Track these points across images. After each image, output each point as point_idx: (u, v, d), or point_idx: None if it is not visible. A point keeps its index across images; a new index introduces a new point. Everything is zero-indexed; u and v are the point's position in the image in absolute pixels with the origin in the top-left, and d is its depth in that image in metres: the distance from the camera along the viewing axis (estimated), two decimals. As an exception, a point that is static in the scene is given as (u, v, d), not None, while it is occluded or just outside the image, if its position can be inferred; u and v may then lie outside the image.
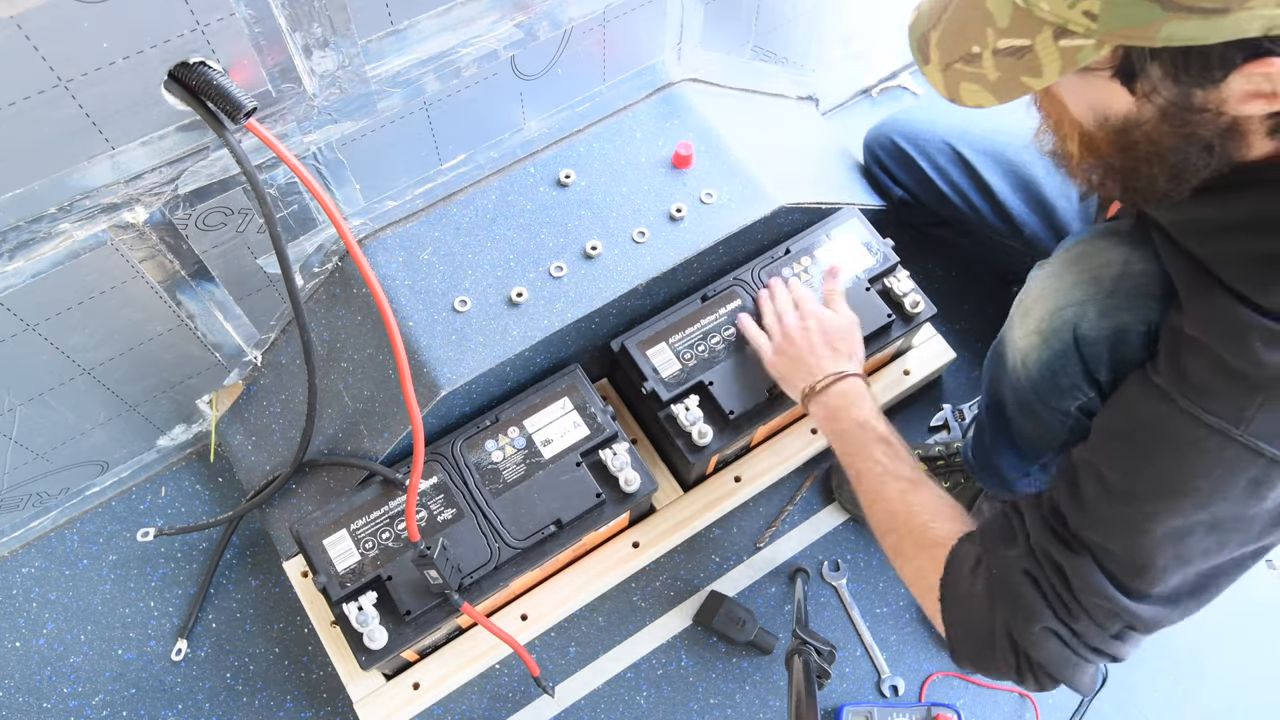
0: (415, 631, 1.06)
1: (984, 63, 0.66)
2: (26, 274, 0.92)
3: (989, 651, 0.85)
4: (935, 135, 1.36)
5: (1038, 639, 0.82)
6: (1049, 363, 0.91)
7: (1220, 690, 1.26)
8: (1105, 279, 0.84)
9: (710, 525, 1.31)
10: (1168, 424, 0.73)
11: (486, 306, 1.16)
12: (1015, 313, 0.96)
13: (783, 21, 1.35)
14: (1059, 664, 0.82)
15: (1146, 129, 0.69)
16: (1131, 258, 0.83)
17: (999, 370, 1.02)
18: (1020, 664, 0.84)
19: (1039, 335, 0.90)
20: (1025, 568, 0.83)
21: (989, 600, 0.85)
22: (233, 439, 1.30)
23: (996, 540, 0.87)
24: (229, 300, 1.13)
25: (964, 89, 0.69)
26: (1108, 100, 0.69)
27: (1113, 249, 0.85)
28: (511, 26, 1.04)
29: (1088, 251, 0.87)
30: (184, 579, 1.28)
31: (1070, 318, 0.86)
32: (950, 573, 0.89)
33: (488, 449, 1.15)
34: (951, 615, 0.88)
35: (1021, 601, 0.82)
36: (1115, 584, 0.78)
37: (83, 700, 1.21)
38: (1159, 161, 0.71)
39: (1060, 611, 0.81)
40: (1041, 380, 0.93)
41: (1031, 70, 0.65)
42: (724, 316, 1.23)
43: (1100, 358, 0.86)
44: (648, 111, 1.29)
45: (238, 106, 0.83)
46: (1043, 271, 0.91)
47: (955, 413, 1.40)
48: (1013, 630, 0.83)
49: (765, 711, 1.22)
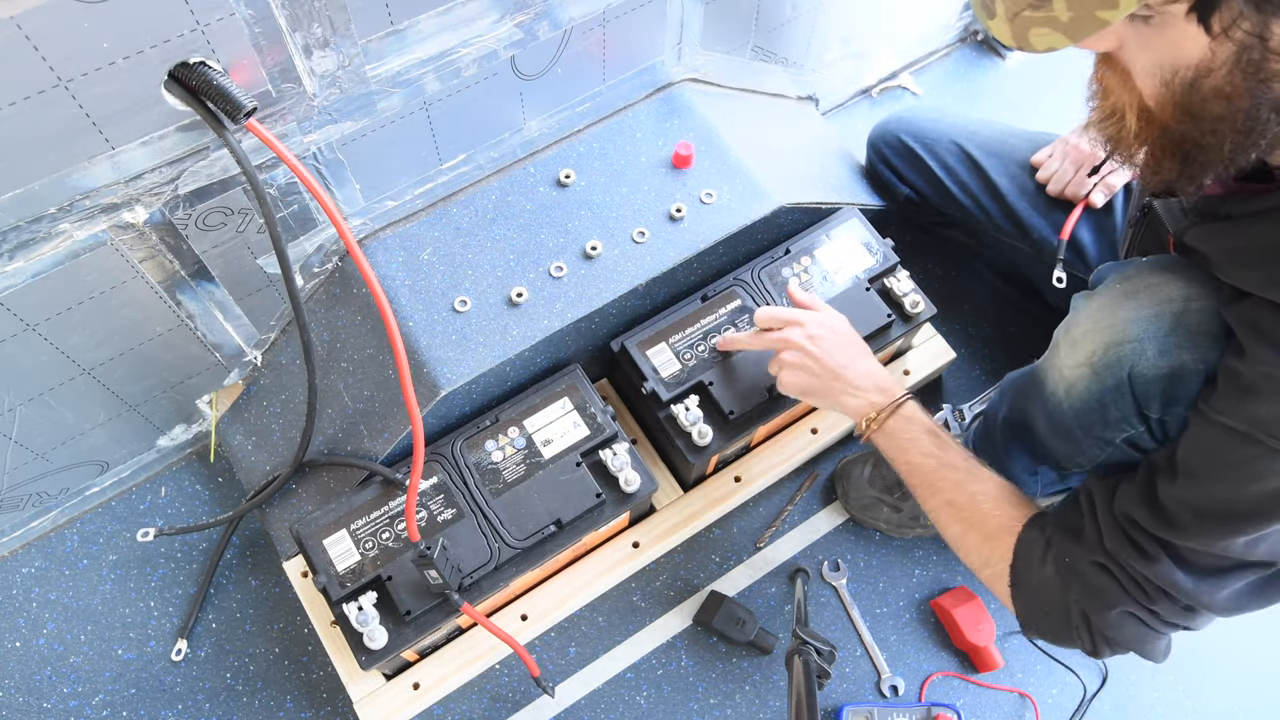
0: (415, 631, 1.06)
1: (1054, 4, 0.65)
2: (26, 274, 0.92)
3: (1065, 630, 0.91)
4: (943, 135, 1.36)
5: (1115, 621, 0.86)
6: (1098, 396, 0.90)
7: (1220, 690, 1.26)
8: (1166, 315, 0.83)
9: (710, 525, 1.31)
10: (1256, 464, 0.75)
11: (486, 306, 1.16)
12: (1062, 341, 0.94)
13: (783, 21, 1.35)
14: (1137, 641, 0.88)
15: (1217, 81, 0.66)
16: (1191, 294, 0.82)
17: (1033, 392, 1.02)
18: (1096, 641, 0.89)
19: (1089, 368, 0.89)
20: (1098, 560, 0.86)
21: (1061, 583, 0.89)
22: (233, 439, 1.30)
23: (1065, 535, 0.89)
24: (229, 300, 1.13)
25: (1034, 34, 0.68)
26: (1178, 47, 0.66)
27: (1172, 284, 0.84)
28: (511, 26, 1.04)
29: (1147, 285, 0.85)
30: (184, 579, 1.28)
31: (1127, 355, 0.85)
32: (1020, 557, 0.92)
33: (488, 449, 1.15)
34: (1025, 598, 0.93)
35: (1097, 590, 0.86)
36: (1195, 578, 0.82)
37: (83, 700, 1.21)
38: (1227, 122, 0.69)
39: (1139, 596, 0.84)
40: (1087, 411, 0.92)
41: (1107, 2, 0.63)
42: (724, 316, 1.23)
43: (1153, 395, 0.85)
44: (648, 111, 1.29)
45: (238, 106, 0.83)
46: (1095, 303, 0.90)
47: (955, 413, 1.40)
48: (1089, 613, 0.87)
49: (765, 711, 1.22)
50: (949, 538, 1.00)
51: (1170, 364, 0.82)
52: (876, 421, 1.04)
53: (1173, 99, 0.70)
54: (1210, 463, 0.78)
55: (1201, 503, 0.79)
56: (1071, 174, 1.25)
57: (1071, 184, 1.24)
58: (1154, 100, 0.71)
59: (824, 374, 1.07)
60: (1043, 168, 1.28)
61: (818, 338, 1.08)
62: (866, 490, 1.30)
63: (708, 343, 1.21)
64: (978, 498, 0.97)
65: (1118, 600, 0.85)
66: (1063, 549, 0.89)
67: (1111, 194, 1.24)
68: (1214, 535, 0.79)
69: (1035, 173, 1.29)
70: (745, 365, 1.20)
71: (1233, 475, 0.76)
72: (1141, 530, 0.83)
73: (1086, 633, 0.89)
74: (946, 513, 0.99)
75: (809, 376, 1.08)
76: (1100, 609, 0.86)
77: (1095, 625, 0.88)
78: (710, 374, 1.19)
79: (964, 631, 1.23)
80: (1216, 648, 1.28)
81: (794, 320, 1.11)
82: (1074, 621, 0.89)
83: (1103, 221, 1.25)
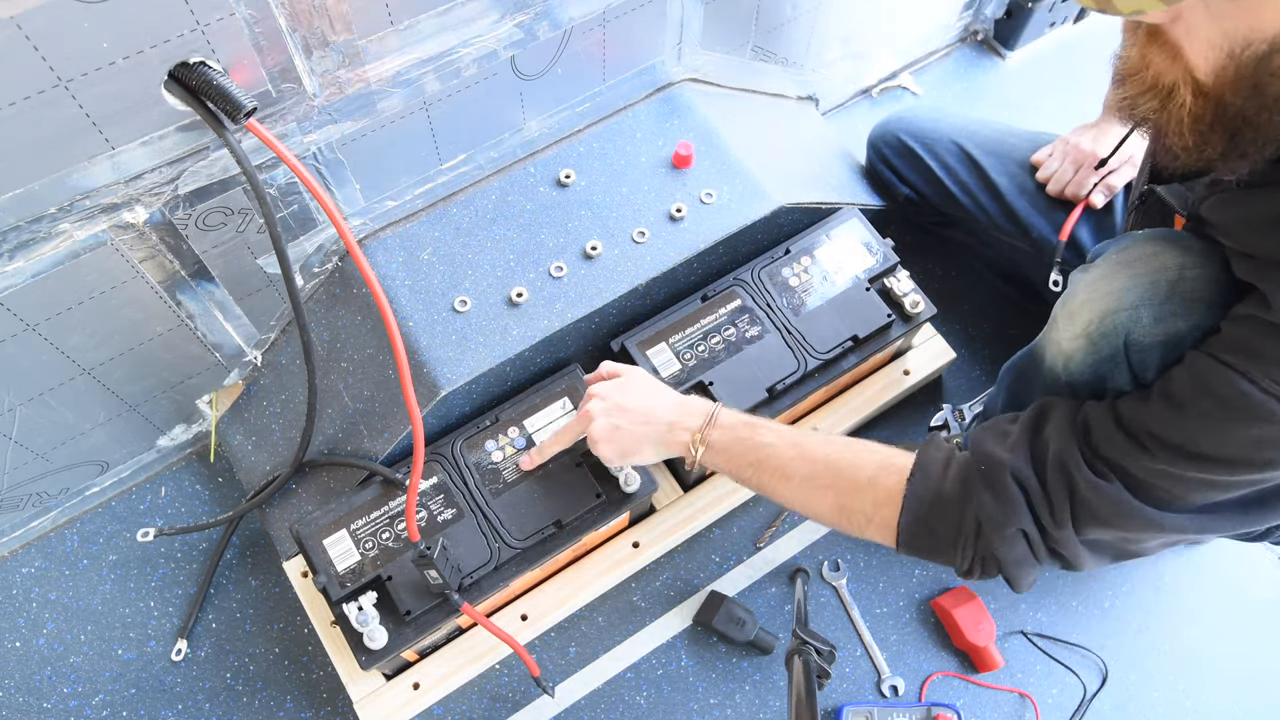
0: (415, 631, 1.06)
1: None
2: (26, 274, 0.92)
3: (948, 545, 0.87)
4: (943, 135, 1.36)
5: (1009, 539, 0.84)
6: (1095, 366, 0.89)
7: (1220, 690, 1.26)
8: (1161, 283, 0.82)
9: (710, 525, 1.31)
10: (1245, 400, 0.73)
11: (486, 306, 1.16)
12: (1059, 314, 0.94)
13: (783, 21, 1.35)
14: (1018, 564, 0.86)
15: None
16: (1187, 262, 0.82)
17: (1031, 371, 1.01)
18: (976, 559, 0.87)
19: (1086, 339, 0.89)
20: (1016, 471, 0.84)
21: (962, 494, 0.86)
22: (233, 439, 1.30)
23: (990, 440, 0.87)
24: (229, 300, 1.13)
25: None
26: (1257, 18, 0.64)
27: (1167, 253, 0.84)
28: (511, 26, 1.04)
29: (1142, 254, 0.85)
30: (184, 579, 1.28)
31: (1123, 322, 0.85)
32: (920, 468, 0.89)
33: (488, 449, 1.15)
34: (912, 512, 0.88)
35: (1005, 501, 0.84)
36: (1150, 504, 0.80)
37: (83, 700, 1.21)
38: None
39: (1042, 515, 0.83)
40: (1084, 384, 0.92)
41: None
42: (724, 316, 1.23)
43: (1150, 363, 0.85)
44: (648, 111, 1.29)
45: (238, 106, 0.83)
46: (1091, 274, 0.89)
47: (955, 413, 1.40)
48: (985, 527, 0.85)
49: (765, 711, 1.22)
50: (825, 512, 0.95)
51: (1166, 331, 0.82)
52: (701, 441, 0.99)
53: (1238, 72, 0.67)
54: (1196, 393, 0.76)
55: (1171, 433, 0.77)
56: (1071, 174, 1.25)
57: (1071, 184, 1.25)
58: (1213, 74, 0.69)
59: (631, 425, 1.02)
60: (1042, 167, 1.28)
61: (611, 397, 1.05)
62: None
63: (708, 343, 1.21)
64: (832, 458, 0.93)
65: (1019, 517, 0.83)
66: (980, 456, 0.86)
67: (1112, 195, 1.24)
68: (1175, 468, 0.78)
69: (1035, 172, 1.29)
70: (745, 365, 1.20)
71: (1215, 409, 0.75)
72: (1094, 450, 0.81)
73: (972, 549, 0.86)
74: (809, 490, 0.94)
75: (620, 435, 1.03)
76: (1000, 523, 0.84)
77: (985, 540, 0.85)
78: (710, 374, 1.19)
79: (964, 631, 1.23)
80: (1217, 648, 1.28)
81: (587, 394, 1.07)
82: (964, 533, 0.86)
83: (1102, 221, 1.25)
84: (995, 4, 1.69)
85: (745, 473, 0.98)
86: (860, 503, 0.92)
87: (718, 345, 1.21)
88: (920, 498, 0.88)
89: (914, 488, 0.89)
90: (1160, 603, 1.30)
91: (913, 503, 0.88)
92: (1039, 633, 1.27)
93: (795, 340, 1.21)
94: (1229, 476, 0.77)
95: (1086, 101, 1.35)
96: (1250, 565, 1.33)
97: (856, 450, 0.94)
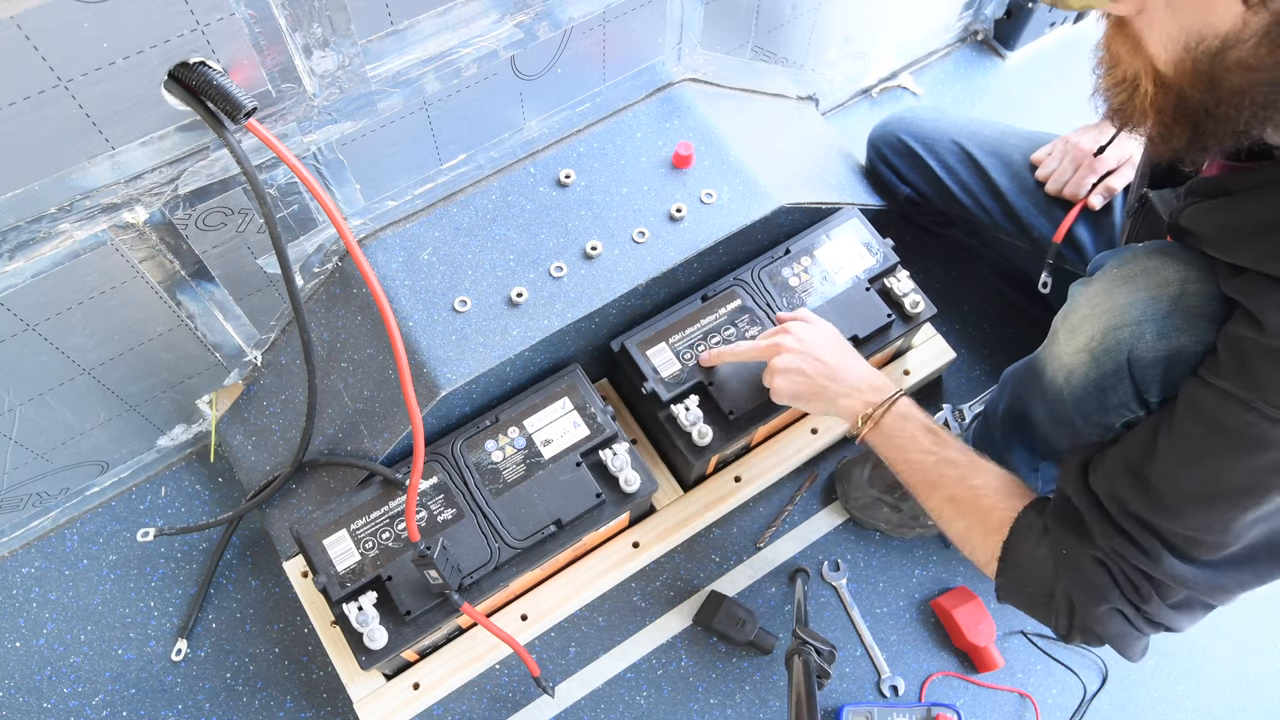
0: (415, 631, 1.06)
1: None
2: (26, 274, 0.92)
3: (1042, 609, 0.92)
4: (943, 135, 1.36)
5: (1103, 617, 0.86)
6: (1098, 382, 0.89)
7: (1220, 690, 1.26)
8: (1164, 299, 0.82)
9: (710, 525, 1.31)
10: (1251, 430, 0.74)
11: (486, 306, 1.16)
12: (1061, 328, 0.93)
13: (783, 21, 1.35)
14: (1119, 639, 0.88)
15: (1243, 52, 0.65)
16: (1189, 276, 0.82)
17: (1032, 383, 1.01)
18: (1075, 629, 0.89)
19: (1089, 354, 0.89)
20: (1097, 555, 0.85)
21: (1053, 568, 0.89)
22: (233, 439, 1.30)
23: (1064, 526, 0.89)
24: (229, 300, 1.13)
25: None
26: (1209, 14, 0.65)
27: (1169, 267, 0.83)
28: (511, 26, 1.04)
29: (1144, 269, 0.85)
30: (184, 579, 1.28)
31: (1126, 338, 0.84)
32: (1015, 534, 0.92)
33: (488, 449, 1.15)
34: (1010, 572, 0.92)
35: (1091, 585, 0.86)
36: (1198, 568, 0.81)
37: (83, 700, 1.21)
38: (1245, 94, 0.67)
39: (1131, 595, 0.84)
40: (1087, 398, 0.92)
41: None
42: (724, 316, 1.23)
43: (1153, 379, 0.85)
44: (648, 111, 1.29)
45: (238, 106, 0.83)
46: (1092, 289, 0.89)
47: (955, 413, 1.40)
48: (1077, 604, 0.87)
49: (765, 711, 1.22)
50: (952, 534, 1.00)
51: (1169, 346, 0.82)
52: (872, 420, 1.03)
53: (1194, 66, 0.68)
54: (1205, 429, 0.77)
55: (1192, 481, 0.78)
56: (1071, 173, 1.25)
57: (1071, 183, 1.25)
58: (1172, 66, 0.70)
59: (817, 375, 1.07)
60: (1042, 166, 1.28)
61: (807, 340, 1.10)
62: (866, 490, 1.30)
63: (708, 343, 1.21)
64: (979, 491, 0.96)
65: (1110, 598, 0.85)
66: (1061, 539, 0.88)
67: (1111, 196, 1.24)
68: (1208, 514, 0.78)
69: (1035, 171, 1.29)
70: (746, 365, 1.20)
71: (1227, 443, 0.75)
72: (1134, 520, 0.82)
73: (1066, 619, 0.89)
74: (949, 509, 0.99)
75: (802, 379, 1.08)
76: (1091, 604, 0.86)
77: (1080, 616, 0.88)
78: (710, 374, 1.19)
79: (964, 631, 1.23)
80: (1217, 648, 1.28)
81: (782, 329, 1.12)
82: (1056, 605, 0.89)
83: (1101, 220, 1.25)
84: (995, 4, 1.69)
85: (899, 465, 1.03)
86: (983, 543, 0.96)
87: (718, 345, 1.21)
88: (1015, 563, 0.92)
89: (1009, 549, 0.92)
90: (1160, 603, 1.30)
91: (1007, 566, 0.92)
92: (1039, 633, 1.27)
93: (795, 340, 1.21)
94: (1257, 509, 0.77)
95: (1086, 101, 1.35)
96: (1250, 565, 1.33)
97: (1000, 489, 0.96)
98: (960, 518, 0.98)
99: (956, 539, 1.00)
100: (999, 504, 0.95)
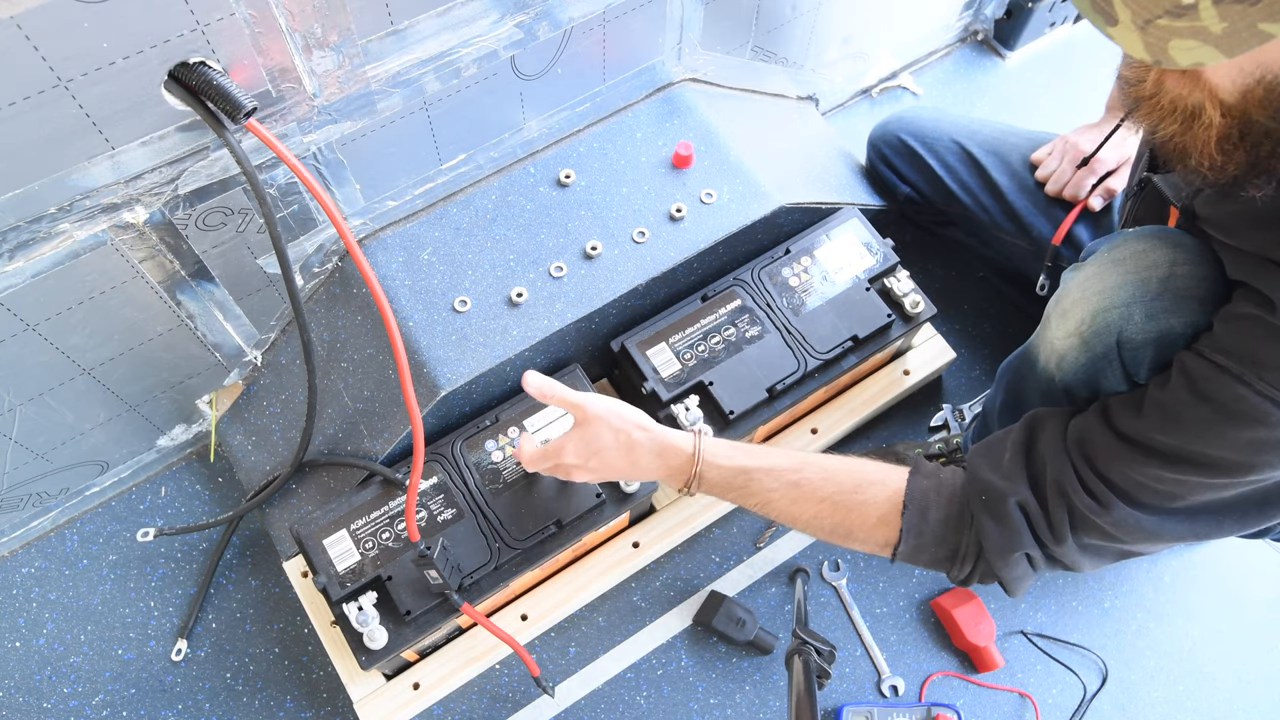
0: (415, 631, 1.06)
1: (1201, 13, 0.56)
2: (26, 274, 0.92)
3: (946, 563, 0.91)
4: (943, 134, 1.36)
5: (1013, 562, 0.87)
6: (1088, 365, 0.89)
7: (1220, 690, 1.26)
8: (1153, 280, 0.83)
9: (710, 525, 1.31)
10: (1240, 404, 0.73)
11: (486, 306, 1.16)
12: (1052, 313, 0.94)
13: (783, 21, 1.35)
14: (1020, 580, 0.89)
15: None
16: (1178, 258, 0.82)
17: (1026, 371, 1.01)
18: (974, 575, 0.90)
19: (1079, 338, 0.89)
20: (1017, 497, 0.85)
21: (959, 522, 0.88)
22: (233, 439, 1.30)
23: (985, 467, 0.88)
24: (229, 300, 1.13)
25: (1175, 47, 0.59)
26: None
27: (1158, 249, 0.84)
28: (511, 26, 1.04)
29: (1133, 252, 0.85)
30: (184, 579, 1.28)
31: (1115, 320, 0.85)
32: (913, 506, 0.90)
33: (488, 449, 1.15)
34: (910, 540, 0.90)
35: (1009, 529, 0.85)
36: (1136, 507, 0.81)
37: (83, 700, 1.21)
38: None
39: (1045, 537, 0.85)
40: (1078, 383, 0.92)
41: (1272, 14, 0.55)
42: (724, 316, 1.23)
43: (1142, 360, 0.85)
44: (648, 111, 1.29)
45: (238, 106, 0.83)
46: (1082, 273, 0.90)
47: (955, 413, 1.40)
48: (987, 551, 0.87)
49: (765, 711, 1.22)
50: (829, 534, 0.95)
51: (1158, 328, 0.82)
52: (693, 485, 0.97)
53: (1266, 94, 0.66)
54: (1191, 397, 0.76)
55: (1167, 438, 0.77)
56: (1070, 173, 1.25)
57: (1070, 184, 1.25)
58: (1239, 94, 0.67)
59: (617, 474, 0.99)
60: (1041, 166, 1.29)
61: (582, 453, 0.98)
62: None
63: (708, 343, 1.21)
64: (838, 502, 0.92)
65: (1023, 542, 0.85)
66: (980, 485, 0.87)
67: (1110, 198, 1.24)
68: (1171, 472, 0.78)
69: (1035, 172, 1.29)
70: (745, 365, 1.20)
71: (1211, 413, 0.75)
72: (1089, 463, 0.82)
73: (971, 566, 0.89)
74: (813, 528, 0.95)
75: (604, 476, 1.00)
76: (1004, 550, 0.86)
77: (987, 562, 0.88)
78: (710, 374, 1.19)
79: (964, 631, 1.23)
80: (1216, 648, 1.28)
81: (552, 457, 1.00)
82: (963, 555, 0.89)
83: (1101, 221, 1.25)
84: (995, 4, 1.69)
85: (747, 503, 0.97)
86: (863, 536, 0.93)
87: (718, 345, 1.21)
88: (918, 531, 0.90)
89: (909, 522, 0.90)
90: (1160, 603, 1.30)
91: (910, 537, 0.90)
92: (1039, 633, 1.27)
93: (795, 340, 1.21)
94: (1226, 479, 0.77)
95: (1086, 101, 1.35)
96: (1250, 564, 1.33)
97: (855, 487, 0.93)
98: (831, 533, 0.94)
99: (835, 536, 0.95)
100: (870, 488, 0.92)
